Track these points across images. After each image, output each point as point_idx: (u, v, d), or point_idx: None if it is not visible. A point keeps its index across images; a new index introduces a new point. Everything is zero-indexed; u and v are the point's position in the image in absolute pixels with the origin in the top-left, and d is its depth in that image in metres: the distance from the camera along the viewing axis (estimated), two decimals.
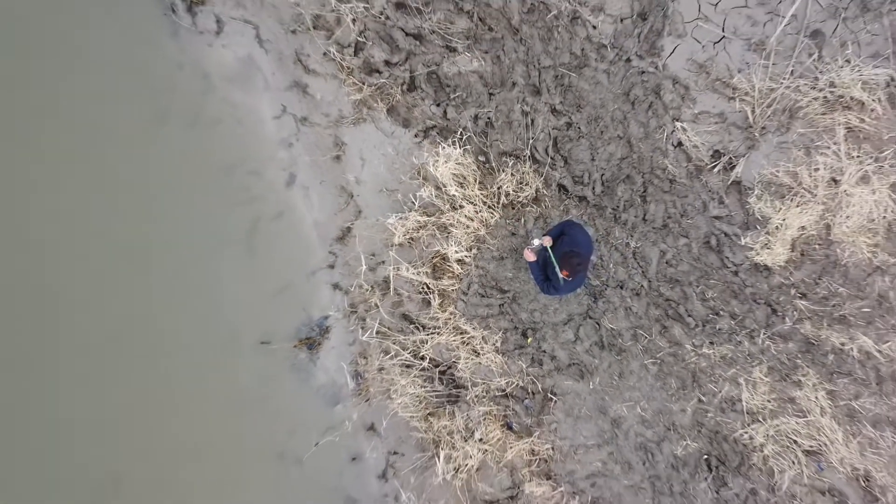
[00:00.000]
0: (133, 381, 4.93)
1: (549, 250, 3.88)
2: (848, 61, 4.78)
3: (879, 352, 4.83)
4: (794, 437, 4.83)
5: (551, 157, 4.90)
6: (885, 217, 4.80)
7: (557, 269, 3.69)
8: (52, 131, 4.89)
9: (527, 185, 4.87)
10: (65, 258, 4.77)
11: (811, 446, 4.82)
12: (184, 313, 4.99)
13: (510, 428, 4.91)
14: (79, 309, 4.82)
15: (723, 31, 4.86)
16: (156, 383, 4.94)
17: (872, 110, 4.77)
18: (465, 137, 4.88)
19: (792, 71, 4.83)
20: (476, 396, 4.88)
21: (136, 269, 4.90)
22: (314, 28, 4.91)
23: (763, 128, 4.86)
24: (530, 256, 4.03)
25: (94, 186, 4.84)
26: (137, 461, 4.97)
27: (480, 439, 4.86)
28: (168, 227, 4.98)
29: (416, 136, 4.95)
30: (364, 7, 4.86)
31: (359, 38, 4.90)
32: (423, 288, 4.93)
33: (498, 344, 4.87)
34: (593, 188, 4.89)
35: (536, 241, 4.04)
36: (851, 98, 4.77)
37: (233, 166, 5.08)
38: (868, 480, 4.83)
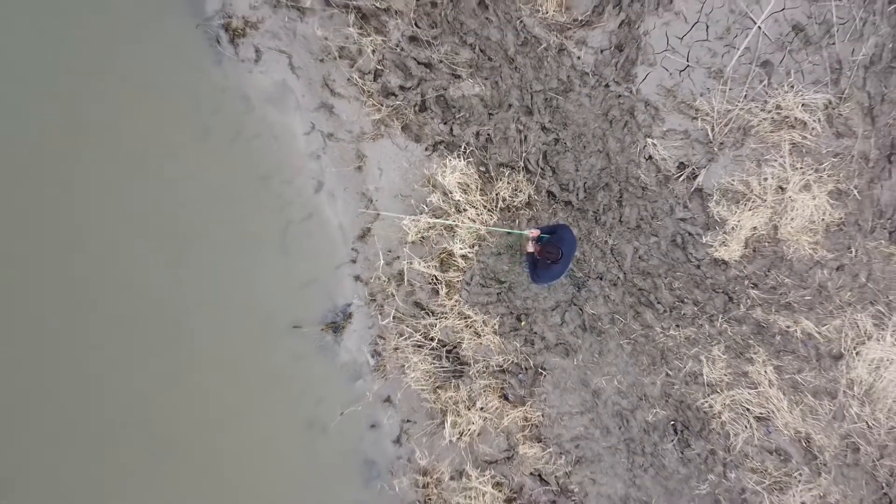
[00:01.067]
0: (185, 358, 5.77)
1: (537, 241, 4.75)
2: (792, 87, 5.65)
3: (819, 333, 5.71)
4: (747, 406, 5.70)
5: (541, 168, 5.76)
6: (823, 219, 5.67)
7: (545, 252, 4.53)
8: (113, 144, 5.71)
9: (520, 191, 5.72)
10: (136, 253, 5.61)
11: (761, 413, 5.70)
12: (228, 301, 5.82)
13: (506, 398, 5.77)
14: (143, 297, 5.66)
15: (687, 61, 5.73)
16: (205, 361, 5.78)
17: (813, 129, 5.64)
18: (468, 151, 5.73)
19: (745, 95, 5.70)
20: (477, 372, 5.74)
21: (188, 263, 5.74)
22: (339, 57, 5.75)
23: (721, 143, 5.72)
24: (529, 248, 4.87)
25: (152, 194, 5.67)
26: (188, 427, 5.80)
27: (481, 408, 5.72)
28: (215, 227, 5.81)
29: (426, 149, 5.80)
30: (382, 40, 5.70)
31: (378, 66, 5.75)
32: (432, 279, 5.78)
33: (496, 327, 5.73)
34: (577, 194, 5.75)
35: (526, 232, 4.90)
36: (795, 118, 5.64)
37: (269, 175, 5.91)
38: (808, 442, 5.71)
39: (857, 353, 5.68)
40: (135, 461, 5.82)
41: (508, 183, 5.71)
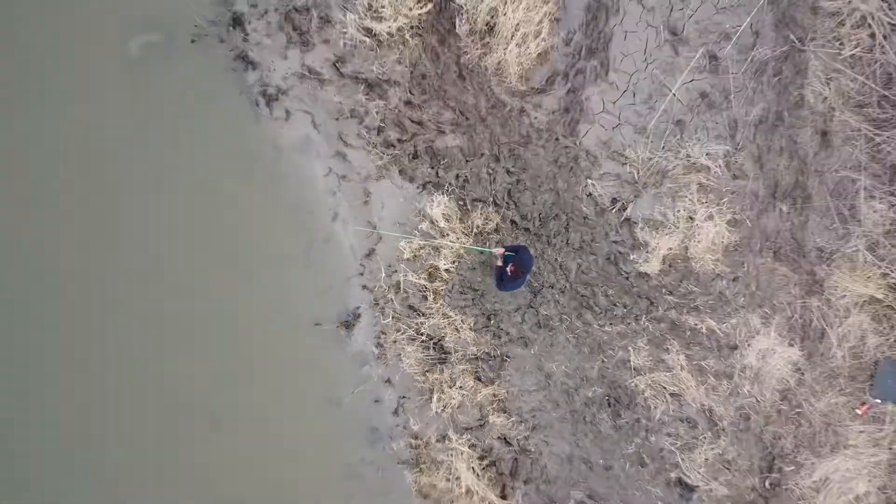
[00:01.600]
0: (234, 349, 7.51)
1: (503, 258, 6.49)
2: (699, 140, 7.36)
3: (719, 329, 7.43)
4: (664, 385, 7.42)
5: (506, 202, 7.47)
6: (722, 242, 7.38)
7: (507, 268, 6.29)
8: (183, 184, 7.43)
9: (490, 220, 7.43)
10: (199, 268, 7.35)
11: (674, 391, 7.42)
12: (266, 304, 7.55)
13: (479, 379, 7.50)
14: (199, 300, 7.40)
15: (619, 119, 7.43)
16: (249, 350, 7.52)
17: (714, 172, 7.34)
18: (450, 189, 7.44)
19: (663, 146, 7.40)
20: (457, 359, 7.47)
21: (236, 275, 7.47)
22: (351, 117, 7.46)
23: (644, 183, 7.43)
24: (499, 262, 6.60)
25: (210, 220, 7.41)
26: (237, 402, 7.54)
27: (460, 387, 7.45)
28: (256, 246, 7.54)
29: (418, 188, 7.51)
30: (384, 104, 7.42)
31: (380, 124, 7.46)
32: (422, 288, 7.50)
33: (471, 324, 7.45)
34: (534, 222, 7.46)
35: (495, 252, 6.63)
36: (701, 164, 7.34)
37: (296, 206, 7.62)
38: (711, 412, 7.44)
39: (748, 345, 7.40)
40: (198, 431, 7.55)
41: (481, 214, 7.42)
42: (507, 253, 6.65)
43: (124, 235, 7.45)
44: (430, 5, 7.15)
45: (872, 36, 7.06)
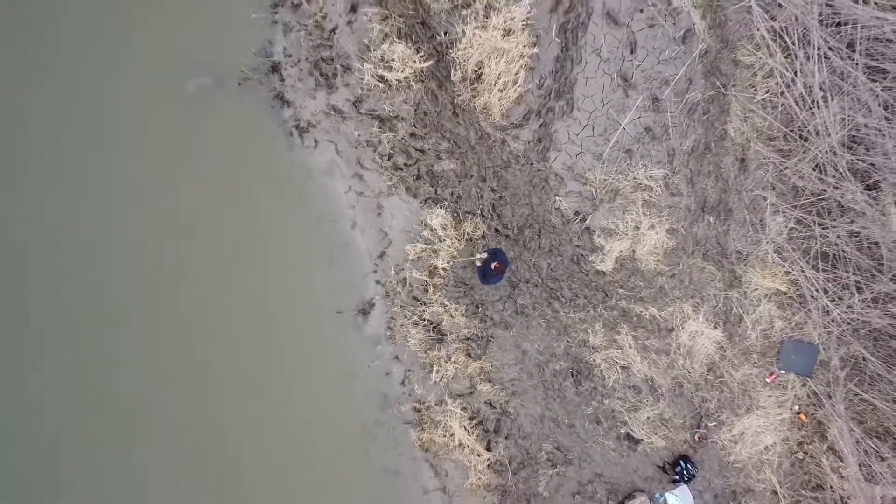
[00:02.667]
0: (268, 334, 9.32)
1: (486, 261, 8.37)
2: (644, 165, 9.26)
3: (660, 315, 9.36)
4: (615, 360, 9.35)
5: (491, 214, 9.35)
6: (662, 246, 9.30)
7: (490, 266, 8.18)
8: (222, 201, 9.22)
9: (478, 228, 9.30)
10: (242, 269, 9.17)
11: (624, 364, 9.35)
12: (295, 297, 9.37)
13: (469, 356, 9.39)
14: (243, 294, 9.22)
15: (580, 149, 9.32)
16: (279, 336, 9.34)
17: (656, 191, 9.25)
18: (446, 204, 9.30)
19: (616, 170, 9.29)
20: (452, 339, 9.35)
21: (269, 272, 9.29)
22: (367, 146, 9.29)
23: (601, 199, 9.33)
24: (478, 263, 8.48)
25: (252, 230, 9.22)
26: (271, 374, 9.37)
27: (454, 362, 9.34)
28: (289, 250, 9.36)
29: (420, 203, 9.37)
30: (393, 135, 9.25)
31: (390, 151, 9.30)
32: (424, 283, 9.37)
33: (463, 311, 9.34)
34: (513, 231, 9.35)
35: (478, 256, 8.51)
36: (645, 184, 9.25)
37: (321, 218, 9.45)
38: (652, 381, 9.38)
39: (682, 328, 9.34)
40: (244, 397, 9.37)
41: (471, 223, 9.29)
42: (489, 255, 8.55)
43: (183, 241, 9.24)
44: (430, 60, 8.99)
45: (778, 85, 8.99)
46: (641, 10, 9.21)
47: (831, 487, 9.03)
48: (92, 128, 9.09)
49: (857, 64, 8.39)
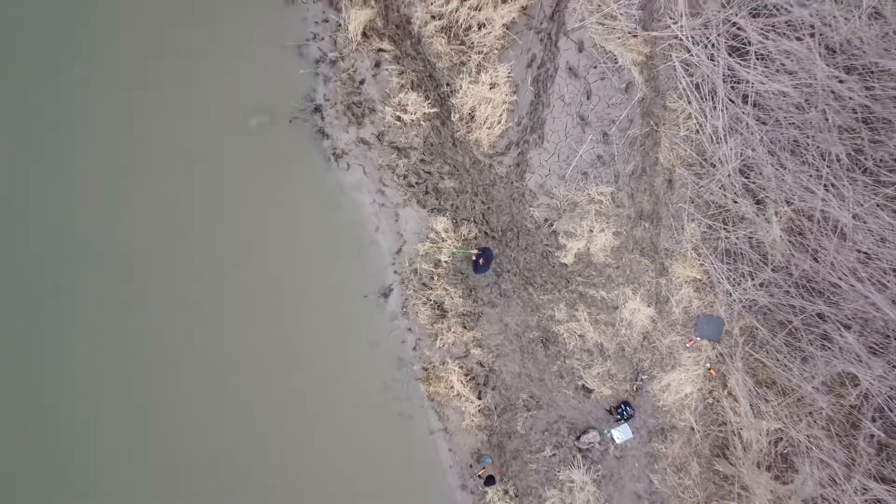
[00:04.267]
0: (307, 315, 12.30)
1: (477, 256, 11.43)
2: (596, 184, 12.33)
3: (608, 297, 12.48)
4: (575, 330, 12.46)
5: (482, 221, 12.38)
6: (610, 245, 12.39)
7: (479, 260, 11.24)
8: (276, 210, 12.15)
9: (472, 231, 12.34)
10: (286, 266, 12.12)
11: (580, 333, 12.46)
12: (330, 284, 12.35)
13: (465, 327, 12.45)
14: (287, 284, 12.18)
15: (549, 171, 12.37)
16: (317, 316, 12.32)
17: (605, 203, 12.34)
18: (448, 213, 12.31)
19: (575, 188, 12.36)
20: (451, 315, 12.39)
21: (310, 266, 12.25)
22: (387, 168, 12.27)
23: (564, 209, 12.40)
24: (472, 258, 11.54)
25: (295, 234, 12.17)
26: (308, 347, 12.34)
27: (453, 332, 12.38)
28: (324, 249, 12.33)
29: (428, 211, 12.37)
30: (407, 160, 12.23)
31: (405, 172, 12.28)
32: (431, 272, 12.38)
33: (460, 294, 12.38)
34: (497, 233, 12.39)
35: (472, 252, 11.56)
36: (597, 199, 12.32)
37: (352, 223, 12.42)
38: (602, 346, 12.51)
39: (624, 306, 12.46)
40: (286, 362, 12.33)
41: (466, 228, 12.32)
42: (479, 252, 11.60)
43: (247, 241, 12.16)
44: (436, 105, 11.97)
45: (694, 125, 12.09)
46: (595, 67, 12.24)
47: (731, 422, 12.25)
48: (184, 153, 11.97)
49: (748, 112, 11.51)
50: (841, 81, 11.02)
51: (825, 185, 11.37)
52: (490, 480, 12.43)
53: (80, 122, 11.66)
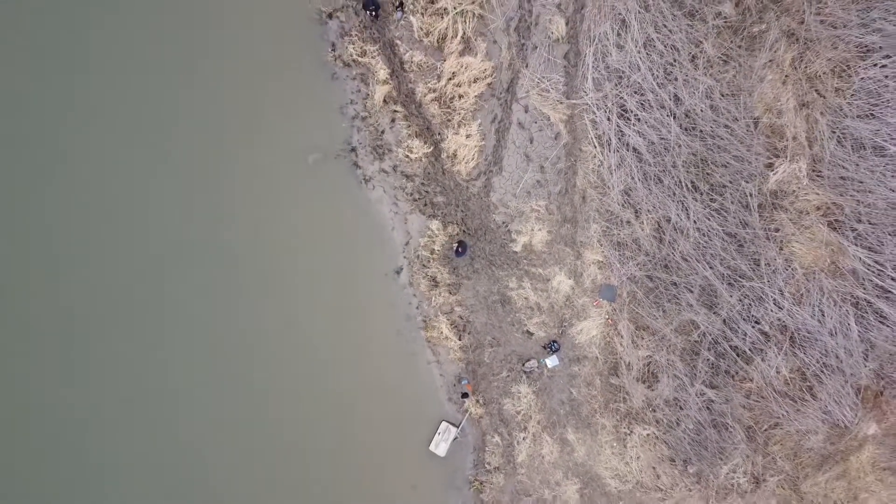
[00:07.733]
0: (339, 292, 18.64)
1: (458, 246, 17.94)
2: (535, 198, 18.96)
3: (543, 273, 19.20)
4: (522, 295, 19.12)
5: (461, 223, 18.87)
6: (545, 239, 19.07)
7: (459, 249, 17.77)
8: (321, 220, 18.37)
9: (456, 231, 18.82)
10: (324, 258, 18.42)
11: (527, 297, 19.14)
12: (359, 269, 18.69)
13: (451, 293, 18.98)
14: (323, 275, 18.49)
15: (505, 191, 18.92)
16: (350, 291, 18.68)
17: (542, 212, 18.98)
18: (439, 218, 18.75)
19: (522, 202, 18.94)
20: (442, 285, 18.89)
21: (342, 258, 18.58)
22: (400, 189, 18.61)
23: (514, 216, 18.97)
24: (455, 247, 18.06)
25: (332, 238, 18.47)
26: (338, 313, 18.69)
27: (443, 296, 18.91)
28: (354, 246, 18.65)
29: (426, 217, 18.79)
30: (413, 184, 18.60)
31: (411, 191, 18.65)
32: (428, 257, 18.82)
33: (447, 272, 18.89)
34: (472, 231, 18.91)
35: (454, 244, 18.07)
36: (535, 209, 18.94)
37: (375, 225, 18.72)
38: (539, 305, 19.23)
39: (554, 279, 19.15)
40: (319, 325, 18.65)
41: (451, 228, 18.78)
42: (459, 244, 18.16)
43: (304, 240, 18.35)
44: (431, 147, 18.36)
45: (598, 163, 18.80)
46: (535, 122, 18.74)
47: (619, 352, 19.18)
48: (267, 178, 18.03)
49: (629, 155, 18.24)
50: (686, 137, 17.86)
51: (677, 202, 18.24)
52: (465, 395, 19.14)
53: (199, 165, 17.60)
